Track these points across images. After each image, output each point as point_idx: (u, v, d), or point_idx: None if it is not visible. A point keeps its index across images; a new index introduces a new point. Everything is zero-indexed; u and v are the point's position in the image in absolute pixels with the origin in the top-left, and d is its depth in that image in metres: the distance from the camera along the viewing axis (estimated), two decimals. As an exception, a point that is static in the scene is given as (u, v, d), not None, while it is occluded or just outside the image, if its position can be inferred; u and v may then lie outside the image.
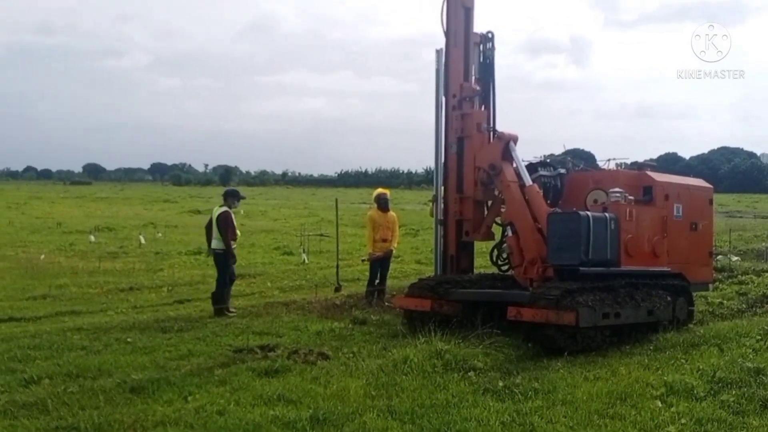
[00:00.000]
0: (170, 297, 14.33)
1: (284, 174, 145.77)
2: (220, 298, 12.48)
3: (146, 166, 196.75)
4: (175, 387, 7.80)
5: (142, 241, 23.88)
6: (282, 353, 9.33)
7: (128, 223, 32.79)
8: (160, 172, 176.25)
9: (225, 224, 12.60)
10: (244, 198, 13.90)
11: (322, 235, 23.45)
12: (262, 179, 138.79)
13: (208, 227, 13.01)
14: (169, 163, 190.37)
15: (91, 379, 8.10)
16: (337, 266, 14.86)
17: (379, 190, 14.74)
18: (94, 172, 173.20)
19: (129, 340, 10.16)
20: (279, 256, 21.68)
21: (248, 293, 15.02)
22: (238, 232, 13.07)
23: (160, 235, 27.36)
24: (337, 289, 14.37)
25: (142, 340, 10.18)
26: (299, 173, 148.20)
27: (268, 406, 7.15)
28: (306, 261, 19.73)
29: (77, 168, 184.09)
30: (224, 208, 12.82)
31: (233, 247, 12.77)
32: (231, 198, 13.11)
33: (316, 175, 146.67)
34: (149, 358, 9.19)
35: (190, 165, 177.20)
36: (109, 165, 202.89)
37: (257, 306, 13.14)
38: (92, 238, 24.65)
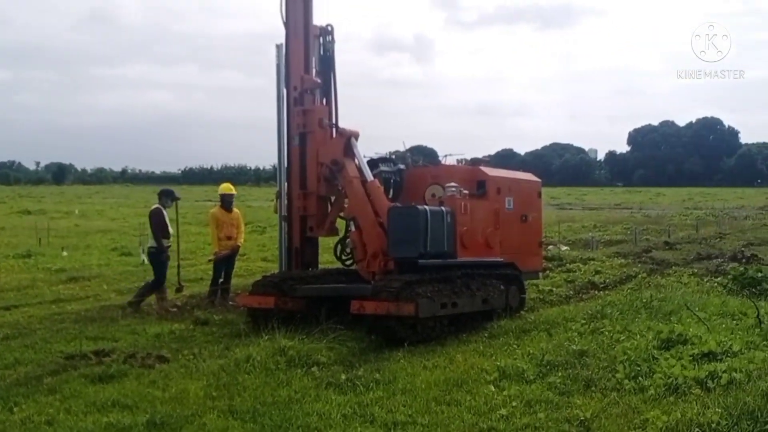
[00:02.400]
0: (-5, 304, 13.33)
1: (123, 171, 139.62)
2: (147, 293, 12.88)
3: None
4: (0, 398, 7.31)
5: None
6: (118, 358, 8.99)
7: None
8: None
9: (156, 222, 12.92)
10: (179, 199, 13.93)
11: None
12: (100, 177, 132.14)
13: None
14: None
15: None
16: (179, 266, 14.42)
17: (224, 186, 14.42)
18: None
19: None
20: (117, 257, 20.73)
21: (82, 297, 14.28)
22: (171, 230, 13.32)
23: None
24: (179, 290, 13.92)
25: (-37, 351, 9.43)
26: (140, 170, 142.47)
27: (101, 413, 6.88)
28: (145, 262, 18.84)
29: None
30: (156, 206, 13.12)
31: (166, 245, 13.07)
32: (165, 197, 13.37)
33: (158, 172, 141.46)
34: (-30, 370, 8.53)
35: (20, 163, 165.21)
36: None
37: (92, 310, 12.51)
38: None
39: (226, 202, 13.96)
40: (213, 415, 6.84)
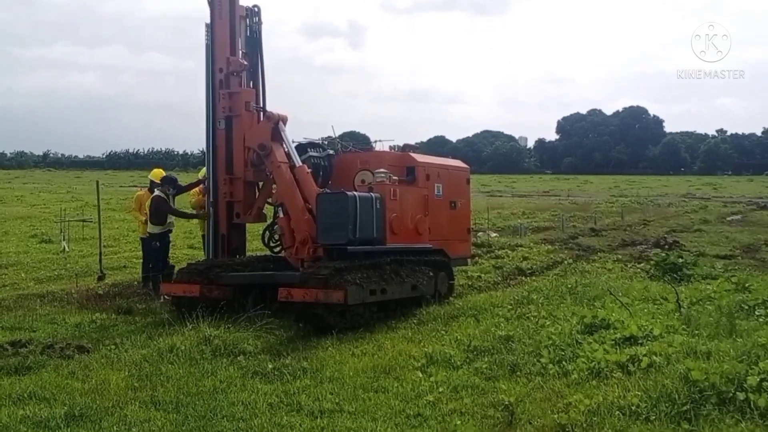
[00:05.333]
0: None
1: (45, 155, 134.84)
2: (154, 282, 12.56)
3: None
4: None
5: None
6: (35, 348, 8.65)
7: None
8: None
9: (154, 210, 12.72)
10: (180, 185, 13.59)
11: (84, 220, 21.90)
12: (20, 161, 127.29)
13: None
14: None
15: None
16: (100, 253, 13.98)
17: (155, 172, 13.92)
18: None
19: None
20: (36, 244, 19.95)
21: (-2, 286, 13.71)
22: (171, 219, 13.11)
23: None
24: (101, 278, 13.51)
25: None
26: (63, 154, 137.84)
27: (17, 406, 6.64)
28: (66, 249, 18.34)
29: None
30: (158, 193, 12.93)
31: (158, 231, 12.87)
32: (167, 184, 13.14)
33: (81, 156, 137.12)
34: None
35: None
36: None
37: (8, 299, 11.99)
38: None
39: (152, 184, 13.55)
40: (135, 406, 6.67)
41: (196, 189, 13.45)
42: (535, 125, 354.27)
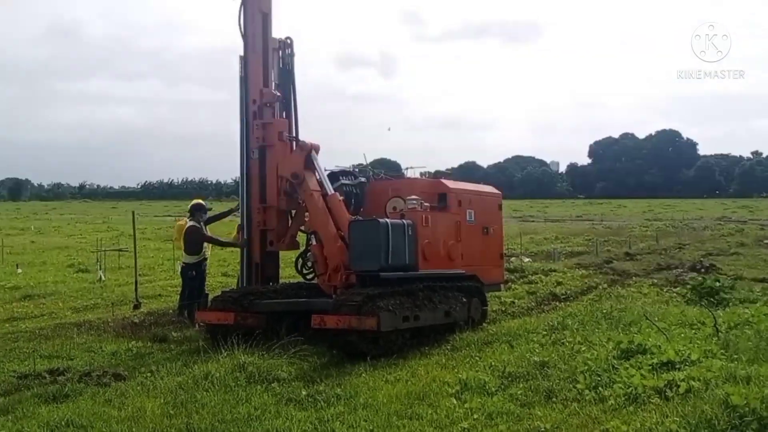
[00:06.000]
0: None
1: (81, 186, 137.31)
2: (189, 311, 12.60)
3: None
4: (-52, 422, 7.08)
5: None
6: (72, 376, 8.80)
7: None
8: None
9: (191, 239, 12.89)
10: (210, 209, 13.93)
11: (120, 250, 22.27)
12: (57, 192, 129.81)
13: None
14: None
15: None
16: (136, 282, 14.19)
17: (195, 202, 14.13)
18: None
19: None
20: (73, 273, 20.34)
21: (37, 315, 13.98)
22: (206, 248, 13.30)
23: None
24: (136, 307, 13.71)
25: None
26: (98, 185, 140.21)
27: (55, 434, 6.67)
28: (103, 278, 18.64)
29: None
30: (192, 223, 13.08)
31: (195, 260, 13.06)
32: (197, 212, 13.31)
33: (117, 187, 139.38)
34: None
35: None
36: None
37: (46, 328, 12.23)
38: None
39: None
40: (170, 433, 6.69)
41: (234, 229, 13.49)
42: (567, 150, 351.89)
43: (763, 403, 5.93)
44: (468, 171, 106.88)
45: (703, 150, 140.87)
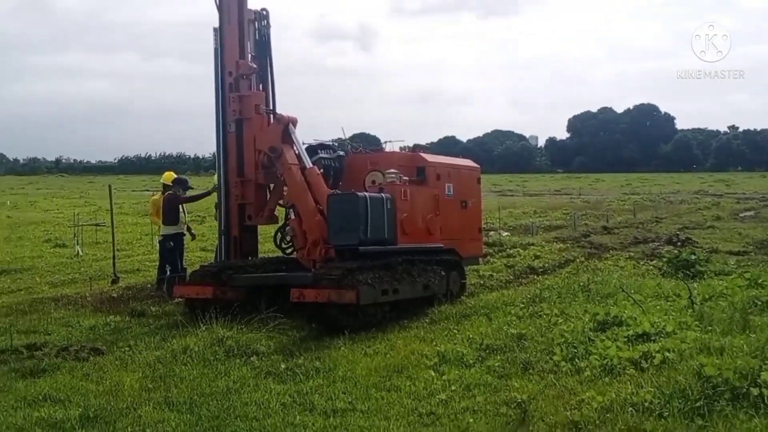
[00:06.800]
0: None
1: (58, 161, 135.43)
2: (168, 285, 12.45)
3: None
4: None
5: None
6: (50, 351, 8.75)
7: None
8: None
9: (170, 206, 12.94)
10: (191, 188, 13.97)
11: (97, 224, 22.06)
12: (33, 167, 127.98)
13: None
14: None
15: None
16: (114, 256, 14.09)
17: (166, 175, 14.01)
18: None
19: None
20: (50, 248, 20.11)
21: (14, 290, 13.89)
22: (183, 220, 13.39)
23: None
24: (114, 281, 13.63)
25: None
26: (75, 160, 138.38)
27: (32, 408, 6.71)
28: (80, 253, 18.49)
29: None
30: (169, 193, 13.19)
31: (172, 232, 13.10)
32: (178, 185, 13.40)
33: (94, 161, 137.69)
34: None
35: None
36: None
37: (23, 303, 12.14)
38: None
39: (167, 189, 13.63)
40: (149, 407, 6.71)
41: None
42: (545, 124, 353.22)
43: (736, 374, 6.02)
44: (447, 145, 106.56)
45: (681, 124, 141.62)
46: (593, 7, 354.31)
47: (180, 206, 13.21)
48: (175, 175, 13.88)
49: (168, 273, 12.80)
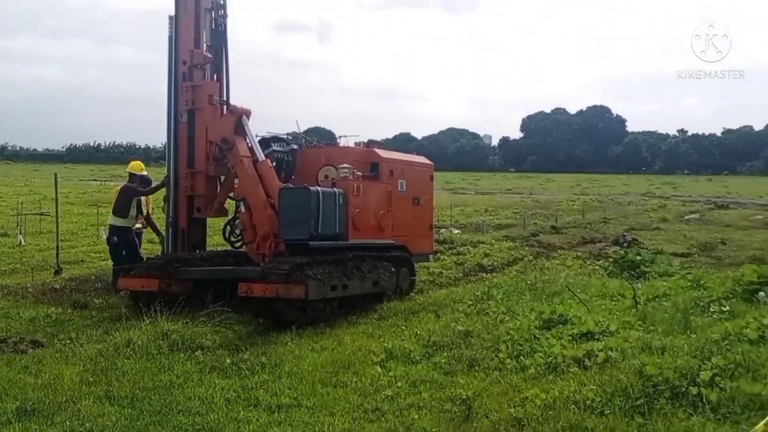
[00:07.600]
0: None
1: (3, 148, 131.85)
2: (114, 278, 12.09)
3: None
4: None
5: None
6: (-13, 343, 8.46)
7: None
8: None
9: (125, 198, 12.66)
10: (149, 182, 13.38)
11: (41, 214, 21.49)
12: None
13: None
14: None
15: None
16: (58, 247, 13.74)
17: (133, 165, 13.63)
18: None
19: None
20: (-9, 238, 19.54)
21: (-50, 280, 13.38)
22: (133, 214, 12.85)
23: None
24: (57, 272, 13.29)
25: None
26: (21, 147, 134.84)
27: (-32, 401, 6.48)
28: (23, 243, 17.98)
29: None
30: (126, 183, 12.97)
31: (117, 225, 12.73)
32: (141, 183, 13.03)
33: (41, 149, 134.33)
34: None
35: None
36: None
37: (-40, 294, 11.74)
38: None
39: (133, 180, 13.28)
40: (89, 401, 6.58)
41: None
42: (500, 123, 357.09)
43: (676, 373, 6.16)
44: (402, 142, 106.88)
45: (632, 127, 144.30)
46: (550, 5, 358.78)
47: (134, 201, 12.85)
48: (143, 166, 13.52)
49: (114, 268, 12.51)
